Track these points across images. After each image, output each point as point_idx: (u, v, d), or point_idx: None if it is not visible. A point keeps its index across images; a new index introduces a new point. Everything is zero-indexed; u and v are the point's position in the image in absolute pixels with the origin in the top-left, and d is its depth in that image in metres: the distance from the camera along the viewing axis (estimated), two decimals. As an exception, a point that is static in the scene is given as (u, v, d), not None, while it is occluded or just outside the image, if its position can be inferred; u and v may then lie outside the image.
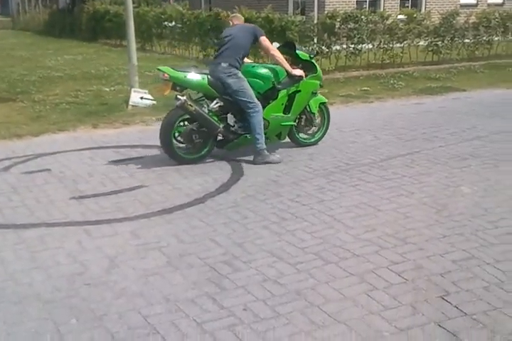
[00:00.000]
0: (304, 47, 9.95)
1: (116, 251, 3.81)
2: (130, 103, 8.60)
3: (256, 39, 5.81)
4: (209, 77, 5.69)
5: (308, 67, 6.17)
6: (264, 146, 5.77)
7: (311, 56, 6.28)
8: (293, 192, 4.91)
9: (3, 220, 4.39)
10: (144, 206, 4.65)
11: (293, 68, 5.94)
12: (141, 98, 8.69)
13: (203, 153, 5.83)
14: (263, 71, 5.99)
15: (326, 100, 6.55)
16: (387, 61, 12.35)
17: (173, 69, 5.68)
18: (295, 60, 6.15)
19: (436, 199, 4.69)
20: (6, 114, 8.34)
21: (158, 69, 5.73)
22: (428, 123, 7.46)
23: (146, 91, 8.92)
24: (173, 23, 15.58)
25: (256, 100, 5.71)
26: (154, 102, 8.74)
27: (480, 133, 6.85)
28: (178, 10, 15.85)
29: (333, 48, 6.68)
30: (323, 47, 11.60)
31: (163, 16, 16.07)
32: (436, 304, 3.11)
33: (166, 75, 5.58)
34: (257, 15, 12.21)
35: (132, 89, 8.78)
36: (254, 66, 6.10)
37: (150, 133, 7.18)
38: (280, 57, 5.84)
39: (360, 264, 3.56)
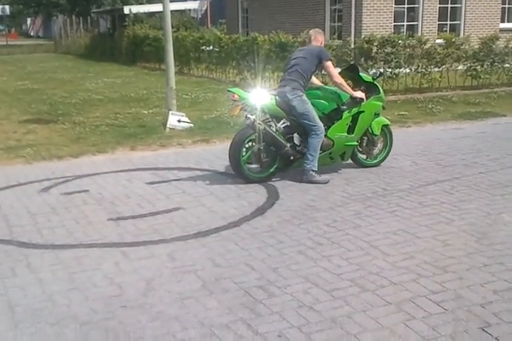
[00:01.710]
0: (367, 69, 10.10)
1: (152, 273, 3.83)
2: (168, 126, 8.72)
3: (320, 61, 5.99)
4: (277, 97, 5.89)
5: (371, 88, 6.32)
6: (314, 168, 5.87)
7: (374, 78, 6.39)
8: (329, 217, 4.87)
9: (42, 240, 4.45)
10: (180, 228, 4.66)
11: (354, 90, 6.10)
12: (179, 121, 8.82)
13: (270, 171, 5.99)
14: (327, 92, 6.18)
15: (389, 122, 6.65)
16: (425, 85, 12.26)
17: (242, 90, 5.89)
18: (358, 82, 6.30)
19: (476, 227, 4.59)
20: (46, 136, 8.54)
21: (229, 90, 5.93)
22: (467, 149, 7.35)
23: (184, 114, 9.04)
24: (211, 47, 15.83)
25: (319, 123, 5.87)
26: (191, 125, 8.85)
27: (521, 160, 6.72)
28: (215, 34, 16.14)
29: (371, 72, 6.75)
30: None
31: (201, 41, 16.36)
32: (477, 335, 3.02)
33: (235, 96, 5.76)
34: (294, 39, 12.31)
35: (170, 112, 8.90)
36: (318, 88, 6.28)
37: (186, 155, 7.28)
38: (342, 83, 5.99)
39: (397, 293, 3.49)
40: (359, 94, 6.09)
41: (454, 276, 3.70)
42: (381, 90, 6.43)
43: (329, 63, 6.00)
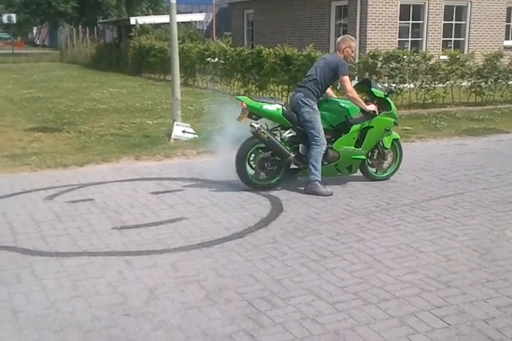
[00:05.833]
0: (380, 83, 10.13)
1: (155, 282, 3.83)
2: (172, 136, 8.76)
3: (337, 74, 6.03)
4: (284, 108, 5.99)
5: (383, 104, 6.34)
6: (317, 178, 5.93)
7: (386, 94, 6.40)
8: (332, 230, 4.88)
9: (46, 248, 4.46)
10: (184, 238, 4.68)
11: (367, 104, 6.15)
12: (183, 131, 8.86)
13: (275, 179, 6.10)
14: (337, 105, 6.25)
15: (399, 136, 6.69)
16: (429, 101, 12.32)
17: (250, 98, 6.01)
18: (370, 97, 6.35)
19: (479, 242, 4.59)
20: (52, 144, 8.58)
21: (237, 98, 6.08)
22: (471, 165, 7.37)
23: (188, 125, 9.08)
24: (216, 59, 15.92)
25: (322, 135, 5.94)
26: (196, 136, 8.89)
27: (524, 177, 6.73)
28: (221, 47, 16.22)
29: (380, 85, 6.87)
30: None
31: (206, 53, 16.44)
32: (480, 351, 3.03)
33: (243, 104, 5.88)
34: (299, 53, 12.39)
35: (175, 123, 8.94)
36: (328, 100, 6.33)
37: (191, 166, 7.30)
38: (355, 97, 6.06)
39: (401, 306, 3.50)
40: (372, 107, 6.14)
41: (457, 291, 3.71)
42: (393, 106, 6.43)
43: (345, 78, 6.02)
